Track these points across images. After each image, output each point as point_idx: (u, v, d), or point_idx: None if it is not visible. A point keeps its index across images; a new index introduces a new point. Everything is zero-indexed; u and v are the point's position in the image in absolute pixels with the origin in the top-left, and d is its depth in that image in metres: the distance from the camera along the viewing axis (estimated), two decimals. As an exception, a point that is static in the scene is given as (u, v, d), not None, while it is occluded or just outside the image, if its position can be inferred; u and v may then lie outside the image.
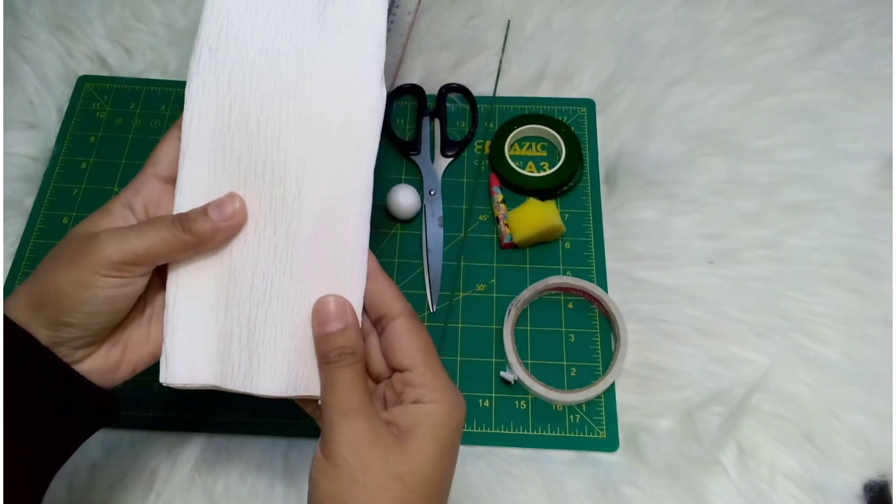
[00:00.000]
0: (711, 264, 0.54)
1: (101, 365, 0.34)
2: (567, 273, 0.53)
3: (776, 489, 0.46)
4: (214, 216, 0.35)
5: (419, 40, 0.65)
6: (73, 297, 0.32)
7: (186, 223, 0.34)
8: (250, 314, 0.36)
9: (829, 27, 0.65)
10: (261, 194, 0.36)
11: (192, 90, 0.37)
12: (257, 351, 0.35)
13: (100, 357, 0.34)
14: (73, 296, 0.32)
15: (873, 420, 0.48)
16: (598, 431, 0.48)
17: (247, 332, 0.35)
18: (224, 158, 0.37)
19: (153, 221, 0.35)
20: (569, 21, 0.66)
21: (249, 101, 0.37)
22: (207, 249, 0.36)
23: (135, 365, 0.36)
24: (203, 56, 0.37)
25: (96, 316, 0.33)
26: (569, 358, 0.50)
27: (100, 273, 0.32)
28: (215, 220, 0.35)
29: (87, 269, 0.32)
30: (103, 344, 0.35)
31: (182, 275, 0.36)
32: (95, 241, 0.33)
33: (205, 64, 0.37)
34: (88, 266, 0.32)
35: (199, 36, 0.37)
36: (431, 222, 0.55)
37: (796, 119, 0.60)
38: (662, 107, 0.60)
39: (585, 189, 0.57)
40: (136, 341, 0.36)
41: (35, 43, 0.63)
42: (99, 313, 0.33)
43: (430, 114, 0.60)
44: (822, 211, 0.56)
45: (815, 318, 0.51)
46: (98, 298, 0.33)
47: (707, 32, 0.65)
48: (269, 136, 0.37)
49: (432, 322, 0.51)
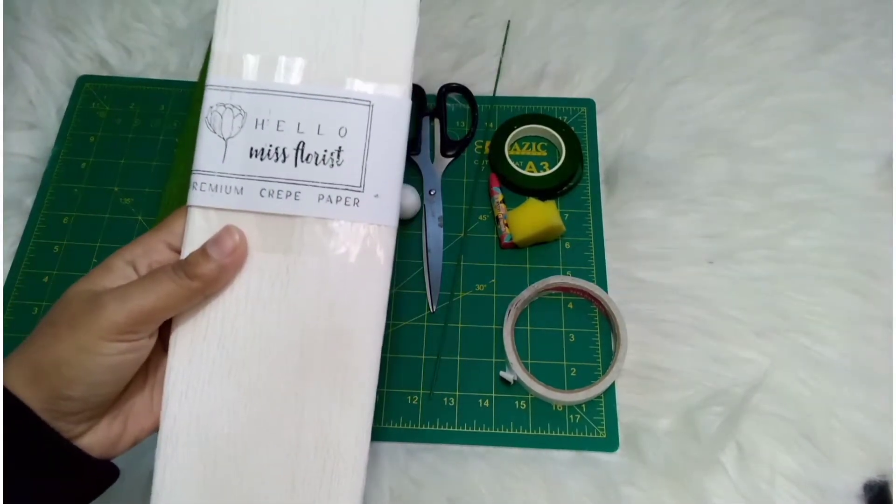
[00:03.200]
0: (711, 264, 0.54)
1: (102, 438, 0.33)
2: (567, 273, 0.53)
3: (776, 489, 0.46)
4: (215, 255, 0.33)
5: (419, 40, 0.64)
6: (75, 367, 0.30)
7: (189, 268, 0.33)
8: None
9: (828, 27, 0.65)
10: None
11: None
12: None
13: (101, 430, 0.33)
14: (74, 365, 0.30)
15: (873, 420, 0.48)
16: (598, 431, 0.48)
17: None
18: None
19: (153, 275, 0.33)
20: (569, 21, 0.66)
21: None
22: (215, 293, 0.35)
23: (137, 436, 0.34)
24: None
25: (99, 387, 0.31)
26: (569, 358, 0.50)
27: (105, 339, 0.30)
28: (217, 259, 0.33)
29: (89, 335, 0.30)
30: (104, 416, 0.33)
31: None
32: (97, 304, 0.31)
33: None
34: (91, 331, 0.30)
35: None
36: (431, 222, 0.55)
37: (796, 119, 0.60)
38: (662, 107, 0.60)
39: (585, 189, 0.57)
40: (139, 412, 0.34)
41: (35, 43, 0.63)
42: (102, 384, 0.31)
43: (430, 114, 0.60)
44: (821, 211, 0.56)
45: (814, 317, 0.51)
46: (102, 367, 0.31)
47: (707, 32, 0.65)
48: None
49: (432, 322, 0.51)
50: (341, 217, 0.35)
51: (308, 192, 0.35)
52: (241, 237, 0.34)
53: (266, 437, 0.34)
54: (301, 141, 0.35)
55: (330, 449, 0.35)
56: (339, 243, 0.35)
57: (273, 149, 0.35)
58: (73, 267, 0.53)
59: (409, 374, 0.49)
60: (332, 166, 0.35)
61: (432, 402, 0.49)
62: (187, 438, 0.34)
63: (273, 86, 0.36)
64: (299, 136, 0.35)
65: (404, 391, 0.49)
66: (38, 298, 0.52)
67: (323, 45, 0.36)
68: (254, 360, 0.35)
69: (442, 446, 0.47)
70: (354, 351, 0.35)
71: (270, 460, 0.34)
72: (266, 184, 0.35)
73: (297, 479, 0.34)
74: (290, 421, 0.35)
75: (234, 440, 0.34)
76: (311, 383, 0.35)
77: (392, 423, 0.48)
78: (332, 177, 0.35)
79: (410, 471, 0.46)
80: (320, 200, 0.35)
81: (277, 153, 0.35)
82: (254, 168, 0.35)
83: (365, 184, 0.36)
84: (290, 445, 0.34)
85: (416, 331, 0.51)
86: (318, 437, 0.34)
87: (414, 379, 0.49)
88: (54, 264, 0.53)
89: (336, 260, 0.35)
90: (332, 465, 0.34)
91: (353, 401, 0.35)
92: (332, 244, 0.35)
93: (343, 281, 0.35)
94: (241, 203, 0.35)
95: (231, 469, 0.34)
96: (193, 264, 0.33)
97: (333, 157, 0.35)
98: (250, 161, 0.35)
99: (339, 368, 0.35)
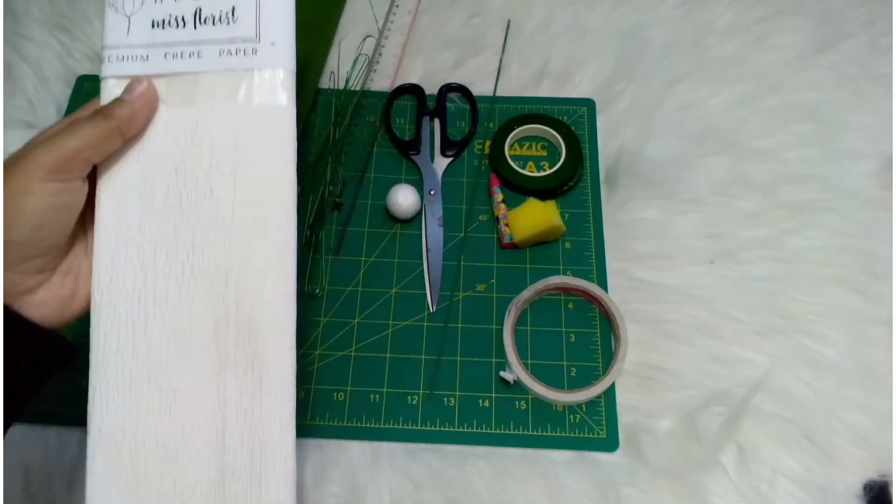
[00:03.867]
0: (712, 264, 0.53)
1: (55, 295, 0.35)
2: (567, 273, 0.53)
3: (776, 489, 0.45)
4: (127, 97, 0.37)
5: (419, 40, 0.65)
6: (13, 210, 0.32)
7: (106, 111, 0.36)
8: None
9: (830, 26, 0.65)
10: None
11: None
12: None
13: (54, 287, 0.35)
14: (12, 209, 0.32)
15: (873, 420, 0.48)
16: (598, 431, 0.48)
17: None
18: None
19: (75, 121, 0.35)
20: (569, 20, 0.65)
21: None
22: (133, 135, 0.37)
23: (88, 297, 0.37)
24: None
25: (40, 230, 0.33)
26: (569, 358, 0.50)
27: (36, 179, 0.33)
28: (130, 101, 0.36)
29: (22, 179, 0.33)
30: (55, 272, 0.35)
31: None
32: (26, 152, 0.34)
33: None
34: (23, 175, 0.33)
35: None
36: (431, 222, 0.55)
37: (797, 118, 0.60)
38: (663, 106, 0.60)
39: (585, 189, 0.57)
40: (87, 271, 0.37)
41: (34, 42, 0.63)
42: (43, 226, 0.33)
43: (430, 113, 0.60)
44: (823, 211, 0.55)
45: (815, 318, 0.51)
46: (39, 208, 0.33)
47: (708, 31, 0.65)
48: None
49: (432, 322, 0.51)
50: (242, 66, 0.38)
51: (209, 49, 0.38)
52: (149, 83, 0.37)
53: (193, 435, 0.36)
54: (198, 7, 0.39)
55: (256, 439, 0.36)
56: (243, 90, 0.38)
57: (173, 17, 0.39)
58: (73, 267, 0.53)
59: (409, 374, 0.49)
60: (228, 24, 0.38)
61: (432, 402, 0.49)
62: (115, 449, 0.35)
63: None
64: (195, 3, 0.39)
65: (404, 391, 0.49)
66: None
67: None
68: (171, 362, 0.36)
69: (442, 446, 0.47)
70: (266, 339, 0.37)
71: (199, 458, 0.35)
72: (169, 48, 0.38)
73: (227, 473, 0.35)
74: (214, 417, 0.36)
75: (162, 443, 0.36)
76: (229, 377, 0.36)
77: (392, 423, 0.48)
78: (229, 33, 0.38)
79: (410, 471, 0.46)
80: (221, 55, 0.38)
81: (177, 21, 0.39)
82: (157, 37, 0.38)
83: (260, 35, 0.38)
84: (216, 440, 0.36)
85: (416, 331, 0.51)
86: (243, 429, 0.36)
87: (414, 379, 0.49)
88: (54, 264, 0.53)
89: (242, 107, 0.38)
90: (260, 454, 0.36)
91: (272, 389, 0.36)
92: (238, 91, 0.38)
93: (251, 130, 0.37)
94: (149, 68, 0.38)
95: (161, 472, 0.35)
96: (109, 108, 0.36)
97: (229, 16, 0.39)
98: (153, 31, 0.38)
99: (254, 359, 0.36)
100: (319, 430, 0.47)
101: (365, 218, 0.55)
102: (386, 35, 0.64)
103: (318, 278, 0.53)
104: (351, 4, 0.67)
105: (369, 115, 0.60)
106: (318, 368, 0.50)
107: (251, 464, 0.36)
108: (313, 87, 0.60)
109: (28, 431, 0.47)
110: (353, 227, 0.55)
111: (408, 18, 0.65)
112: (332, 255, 0.54)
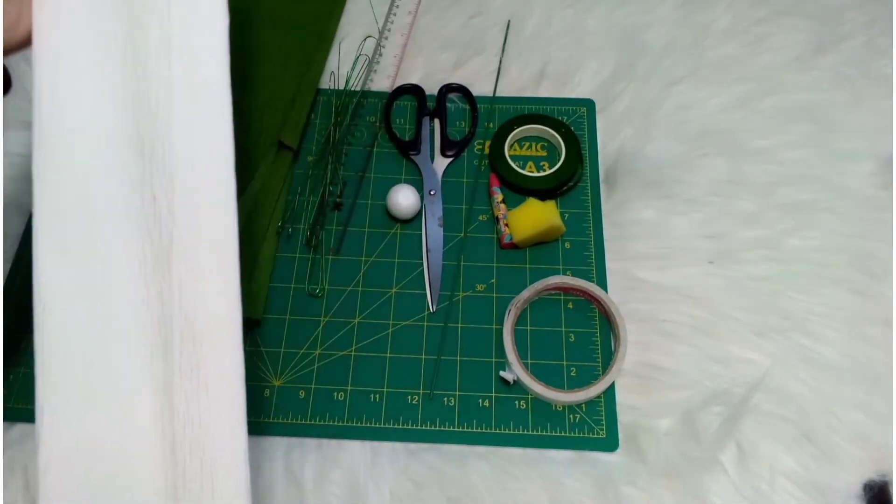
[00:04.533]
0: (711, 264, 0.54)
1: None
2: (567, 273, 0.53)
3: (776, 489, 0.46)
4: None
5: (419, 40, 0.65)
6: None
7: None
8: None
9: (828, 27, 0.65)
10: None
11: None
12: None
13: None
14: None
15: (873, 420, 0.48)
16: (597, 431, 0.48)
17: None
18: None
19: None
20: (569, 21, 0.66)
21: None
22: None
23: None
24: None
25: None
26: (569, 358, 0.50)
27: None
28: None
29: None
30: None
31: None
32: None
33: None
34: None
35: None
36: (431, 222, 0.55)
37: (796, 119, 0.60)
38: (662, 107, 0.60)
39: (585, 189, 0.57)
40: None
41: (35, 43, 0.63)
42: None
43: (430, 114, 0.60)
44: (822, 211, 0.56)
45: (814, 317, 0.51)
46: None
47: (707, 32, 0.65)
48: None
49: (432, 322, 0.51)
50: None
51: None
52: None
53: (144, 449, 0.35)
54: None
55: (205, 448, 0.35)
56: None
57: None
58: (73, 267, 0.53)
59: (409, 374, 0.49)
60: None
61: (432, 402, 0.49)
62: (69, 467, 0.35)
63: None
64: None
65: (404, 391, 0.49)
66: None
67: None
68: (120, 378, 0.36)
69: (442, 446, 0.47)
70: (209, 346, 0.36)
71: (152, 470, 0.35)
72: None
73: (179, 485, 0.35)
74: (164, 429, 0.35)
75: (115, 459, 0.35)
76: (176, 389, 0.36)
77: (392, 423, 0.48)
78: None
79: (410, 471, 0.46)
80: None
81: None
82: None
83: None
84: (168, 453, 0.35)
85: (416, 331, 0.51)
86: (192, 439, 0.35)
87: (414, 379, 0.49)
88: (54, 264, 0.53)
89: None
90: (210, 464, 0.35)
91: (219, 396, 0.36)
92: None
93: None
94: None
95: (115, 487, 0.35)
96: None
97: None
98: None
99: (198, 368, 0.36)
100: (319, 429, 0.47)
101: (365, 218, 0.56)
102: (386, 35, 0.64)
103: (318, 278, 0.53)
104: (351, 4, 0.67)
105: (369, 115, 0.61)
106: (318, 368, 0.50)
107: (201, 474, 0.35)
108: (313, 88, 0.61)
109: (28, 431, 0.47)
110: (354, 227, 0.55)
111: (408, 19, 0.65)
112: (332, 255, 0.54)
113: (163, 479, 0.35)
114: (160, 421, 0.35)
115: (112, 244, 0.36)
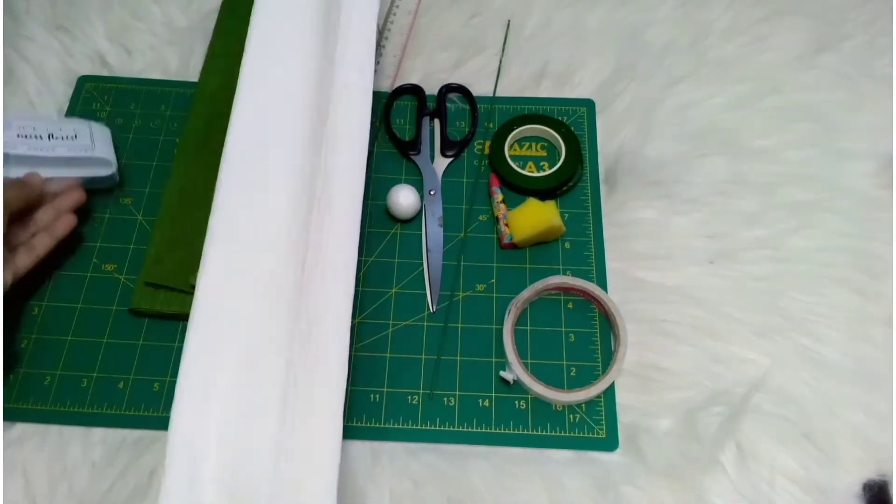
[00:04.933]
0: (712, 264, 0.54)
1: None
2: (567, 273, 0.53)
3: (776, 489, 0.45)
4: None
5: (419, 40, 0.65)
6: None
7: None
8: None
9: (829, 26, 0.65)
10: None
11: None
12: None
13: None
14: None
15: (873, 420, 0.48)
16: (597, 431, 0.48)
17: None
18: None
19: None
20: (569, 21, 0.66)
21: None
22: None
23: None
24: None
25: None
26: (568, 358, 0.50)
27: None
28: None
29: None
30: None
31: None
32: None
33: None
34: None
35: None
36: (431, 222, 0.55)
37: (797, 118, 0.60)
38: (662, 106, 0.60)
39: (585, 189, 0.57)
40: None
41: (35, 43, 0.63)
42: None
43: (430, 114, 0.60)
44: (822, 211, 0.56)
45: (815, 317, 0.51)
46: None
47: (707, 32, 0.65)
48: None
49: (432, 322, 0.51)
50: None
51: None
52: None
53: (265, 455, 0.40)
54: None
55: (302, 455, 0.40)
56: None
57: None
58: (74, 267, 0.53)
59: (409, 374, 0.49)
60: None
61: (432, 402, 0.49)
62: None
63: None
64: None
65: (404, 391, 0.49)
66: (39, 299, 0.52)
67: None
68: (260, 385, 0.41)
69: (442, 446, 0.47)
70: (322, 360, 0.43)
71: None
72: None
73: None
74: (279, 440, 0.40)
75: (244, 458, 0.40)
76: (289, 400, 0.41)
77: (392, 423, 0.48)
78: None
79: (410, 471, 0.46)
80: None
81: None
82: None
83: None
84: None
85: (416, 331, 0.51)
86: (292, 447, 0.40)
87: (414, 379, 0.49)
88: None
89: None
90: (307, 468, 0.40)
91: (321, 409, 0.41)
92: None
93: None
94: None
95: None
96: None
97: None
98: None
99: (311, 384, 0.42)
100: (319, 429, 0.47)
101: (365, 218, 0.55)
102: (386, 35, 0.64)
103: (318, 278, 0.53)
104: (351, 5, 0.67)
105: (369, 115, 0.61)
106: (318, 368, 0.50)
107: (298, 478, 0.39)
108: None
109: (28, 431, 0.47)
110: (354, 227, 0.55)
111: (408, 19, 0.65)
112: (332, 255, 0.54)
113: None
114: (273, 428, 0.40)
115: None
